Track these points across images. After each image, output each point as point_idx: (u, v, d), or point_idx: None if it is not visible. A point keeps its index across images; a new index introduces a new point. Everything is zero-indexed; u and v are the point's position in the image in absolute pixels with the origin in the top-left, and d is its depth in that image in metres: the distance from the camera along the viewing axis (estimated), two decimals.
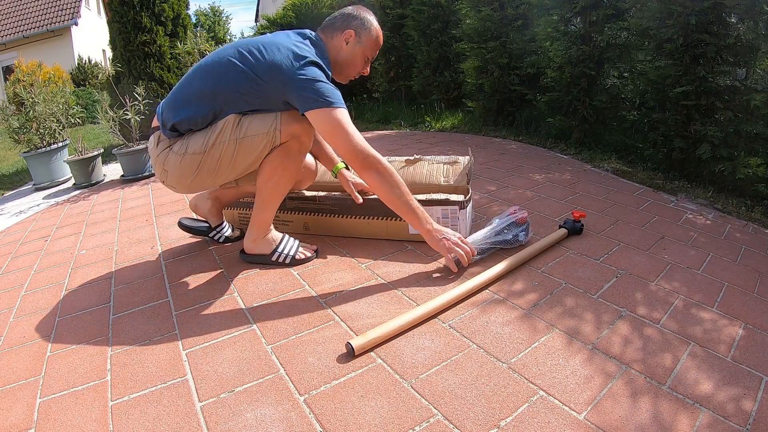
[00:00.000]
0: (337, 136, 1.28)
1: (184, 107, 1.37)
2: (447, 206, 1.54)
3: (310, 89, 1.27)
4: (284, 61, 1.29)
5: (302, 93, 1.28)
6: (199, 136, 1.37)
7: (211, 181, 1.45)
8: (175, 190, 1.50)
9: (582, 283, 1.33)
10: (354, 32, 1.43)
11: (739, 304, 1.23)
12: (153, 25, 3.92)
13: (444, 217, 1.55)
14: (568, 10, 2.73)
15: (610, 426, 0.86)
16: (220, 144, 1.36)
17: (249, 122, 1.35)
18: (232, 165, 1.39)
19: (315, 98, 1.27)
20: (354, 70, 1.49)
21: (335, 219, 1.69)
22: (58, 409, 1.00)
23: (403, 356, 1.07)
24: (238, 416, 0.93)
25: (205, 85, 1.35)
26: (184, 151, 1.38)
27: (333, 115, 1.27)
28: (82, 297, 1.48)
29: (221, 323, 1.24)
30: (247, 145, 1.36)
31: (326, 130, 1.29)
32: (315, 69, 1.30)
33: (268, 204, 1.46)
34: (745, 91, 2.09)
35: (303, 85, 1.27)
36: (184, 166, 1.39)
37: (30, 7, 13.47)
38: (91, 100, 7.95)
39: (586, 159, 2.61)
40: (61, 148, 3.43)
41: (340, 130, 1.28)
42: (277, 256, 1.53)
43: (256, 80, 1.31)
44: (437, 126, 3.87)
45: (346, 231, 1.70)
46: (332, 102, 1.27)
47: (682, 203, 1.97)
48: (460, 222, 1.55)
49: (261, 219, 1.49)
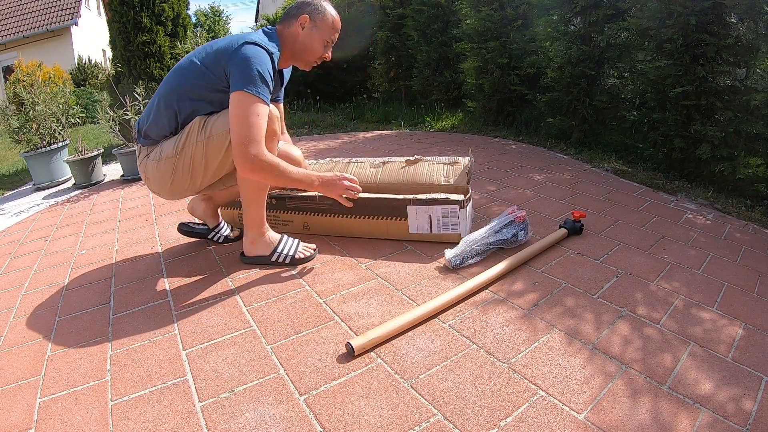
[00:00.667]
0: (240, 125, 1.28)
1: (151, 113, 1.45)
2: (447, 205, 1.54)
3: (244, 70, 1.29)
4: (227, 45, 1.35)
5: (236, 71, 1.30)
6: (171, 142, 1.43)
7: (190, 184, 1.47)
8: (161, 196, 1.55)
9: (582, 283, 1.33)
10: (308, 17, 1.45)
11: (739, 304, 1.23)
12: (153, 25, 3.92)
13: (444, 216, 1.55)
14: (568, 10, 2.73)
15: (610, 426, 0.86)
16: (190, 146, 1.40)
17: (213, 122, 1.39)
18: (205, 165, 1.42)
19: (243, 81, 1.28)
20: (313, 55, 1.49)
21: (335, 219, 1.69)
22: (58, 409, 1.00)
23: (403, 356, 1.07)
24: (238, 416, 0.93)
25: (168, 87, 1.42)
26: (158, 157, 1.44)
27: (247, 101, 1.28)
28: (82, 297, 1.48)
29: (221, 323, 1.24)
30: (214, 144, 1.38)
31: (235, 114, 1.29)
32: (253, 48, 1.31)
33: (252, 201, 1.47)
34: (745, 91, 2.09)
35: (238, 63, 1.30)
36: (160, 171, 1.45)
37: (30, 7, 13.47)
38: (91, 100, 7.95)
39: (586, 159, 2.61)
40: (61, 148, 3.43)
41: (244, 117, 1.27)
42: (277, 257, 1.53)
43: (206, 73, 1.36)
44: (437, 126, 3.87)
45: (347, 231, 1.70)
46: (256, 93, 1.28)
47: (682, 203, 1.97)
48: (460, 221, 1.55)
49: (251, 217, 1.50)
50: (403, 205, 1.57)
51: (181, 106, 1.40)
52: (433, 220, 1.56)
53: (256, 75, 1.28)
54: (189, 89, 1.39)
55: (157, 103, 1.43)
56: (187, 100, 1.40)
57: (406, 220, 1.59)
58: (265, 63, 1.31)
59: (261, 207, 1.49)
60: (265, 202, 1.51)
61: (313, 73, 5.60)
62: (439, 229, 1.57)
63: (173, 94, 1.40)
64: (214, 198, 1.72)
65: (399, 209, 1.58)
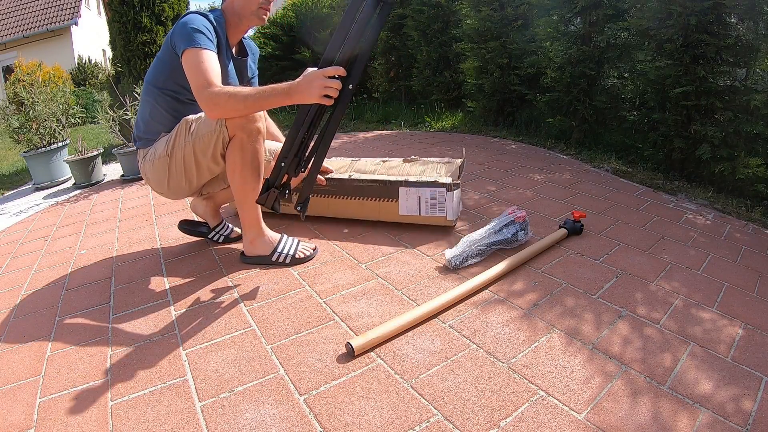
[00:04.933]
0: (191, 74, 1.30)
1: (138, 114, 1.55)
2: (435, 188, 1.62)
3: (181, 33, 1.33)
4: (170, 29, 1.42)
5: (177, 39, 1.33)
6: (162, 142, 1.48)
7: (187, 184, 1.50)
8: (163, 196, 1.59)
9: (582, 283, 1.33)
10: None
11: (739, 304, 1.23)
12: (153, 25, 3.92)
13: (432, 198, 1.64)
14: (568, 10, 2.73)
15: (610, 426, 0.86)
16: (179, 148, 1.44)
17: (198, 123, 1.42)
18: (197, 165, 1.45)
19: (183, 42, 1.31)
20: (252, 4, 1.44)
21: (330, 199, 1.78)
22: (58, 409, 1.00)
23: (403, 356, 1.07)
24: (238, 416, 0.93)
25: (144, 84, 1.50)
26: (153, 157, 1.49)
27: (192, 54, 1.29)
28: (82, 297, 1.48)
29: (221, 323, 1.24)
30: (201, 144, 1.41)
31: (187, 70, 1.31)
32: (186, 16, 1.36)
33: (244, 202, 1.46)
34: (745, 92, 2.09)
35: (177, 33, 1.34)
36: (156, 170, 1.50)
37: (30, 7, 13.47)
38: (91, 100, 7.94)
39: (586, 159, 2.61)
40: (61, 148, 3.43)
41: (194, 68, 1.29)
42: (277, 256, 1.53)
43: (161, 60, 1.43)
44: (437, 126, 3.87)
45: (340, 211, 1.80)
46: (195, 44, 1.30)
47: (682, 203, 1.97)
48: (447, 203, 1.63)
49: (246, 217, 1.49)
50: (395, 186, 1.67)
51: (158, 105, 1.49)
52: (422, 202, 1.65)
53: (191, 31, 1.32)
54: (153, 80, 1.47)
55: (141, 101, 1.54)
56: (158, 94, 1.47)
57: (397, 201, 1.67)
58: (199, 21, 1.35)
59: (255, 207, 1.48)
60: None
61: None
62: (427, 211, 1.65)
63: (151, 89, 1.48)
64: (215, 197, 1.73)
65: (391, 191, 1.68)
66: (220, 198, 1.74)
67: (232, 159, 1.39)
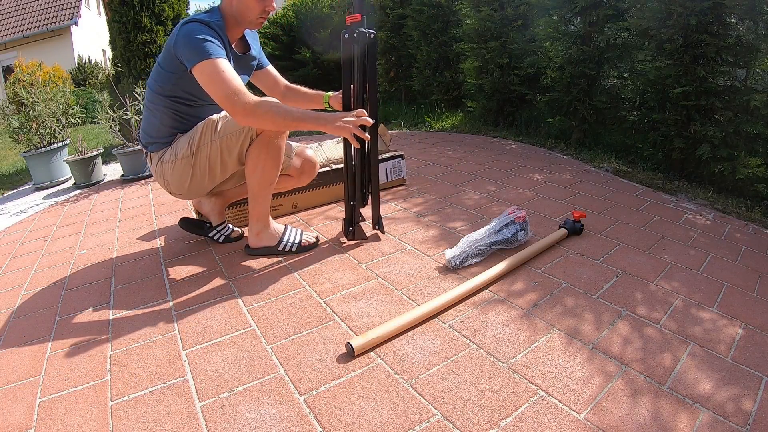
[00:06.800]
0: (212, 86, 1.30)
1: (144, 121, 1.56)
2: (396, 159, 2.22)
3: (189, 45, 1.31)
4: (171, 37, 1.38)
5: (184, 50, 1.32)
6: (184, 141, 1.48)
7: (209, 181, 1.52)
8: (180, 196, 1.60)
9: (582, 283, 1.33)
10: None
11: (739, 304, 1.23)
12: (153, 25, 3.92)
13: (395, 167, 2.23)
14: (568, 10, 2.73)
15: (610, 426, 0.86)
16: (205, 145, 1.45)
17: (224, 122, 1.44)
18: (221, 163, 1.48)
19: (193, 55, 1.30)
20: (253, 13, 1.45)
21: (321, 190, 2.03)
22: (58, 409, 1.00)
23: (403, 356, 1.07)
24: (238, 416, 0.93)
25: (147, 90, 1.50)
26: (173, 157, 1.49)
27: (207, 66, 1.29)
28: (82, 297, 1.48)
29: (221, 323, 1.24)
30: (228, 142, 1.44)
31: (205, 84, 1.31)
32: (189, 25, 1.34)
33: (259, 195, 1.52)
34: (745, 92, 2.09)
35: (182, 44, 1.33)
36: (178, 170, 1.49)
37: (30, 7, 13.46)
38: (91, 100, 7.94)
39: (586, 159, 2.61)
40: (61, 148, 3.43)
41: (215, 79, 1.29)
42: (284, 246, 1.60)
43: (165, 69, 1.41)
44: (437, 126, 3.87)
45: (332, 198, 2.07)
46: (207, 56, 1.29)
47: (682, 203, 1.97)
48: (403, 168, 2.26)
49: (258, 211, 1.55)
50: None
51: (165, 117, 1.48)
52: (388, 172, 2.21)
53: (199, 42, 1.31)
54: (160, 89, 1.45)
55: (145, 107, 1.54)
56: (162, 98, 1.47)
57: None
58: (204, 30, 1.34)
59: (268, 201, 1.56)
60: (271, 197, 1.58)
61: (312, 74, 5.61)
62: (391, 177, 2.23)
63: (152, 97, 1.48)
64: (225, 195, 1.75)
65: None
66: (230, 195, 1.76)
67: (257, 153, 1.44)
